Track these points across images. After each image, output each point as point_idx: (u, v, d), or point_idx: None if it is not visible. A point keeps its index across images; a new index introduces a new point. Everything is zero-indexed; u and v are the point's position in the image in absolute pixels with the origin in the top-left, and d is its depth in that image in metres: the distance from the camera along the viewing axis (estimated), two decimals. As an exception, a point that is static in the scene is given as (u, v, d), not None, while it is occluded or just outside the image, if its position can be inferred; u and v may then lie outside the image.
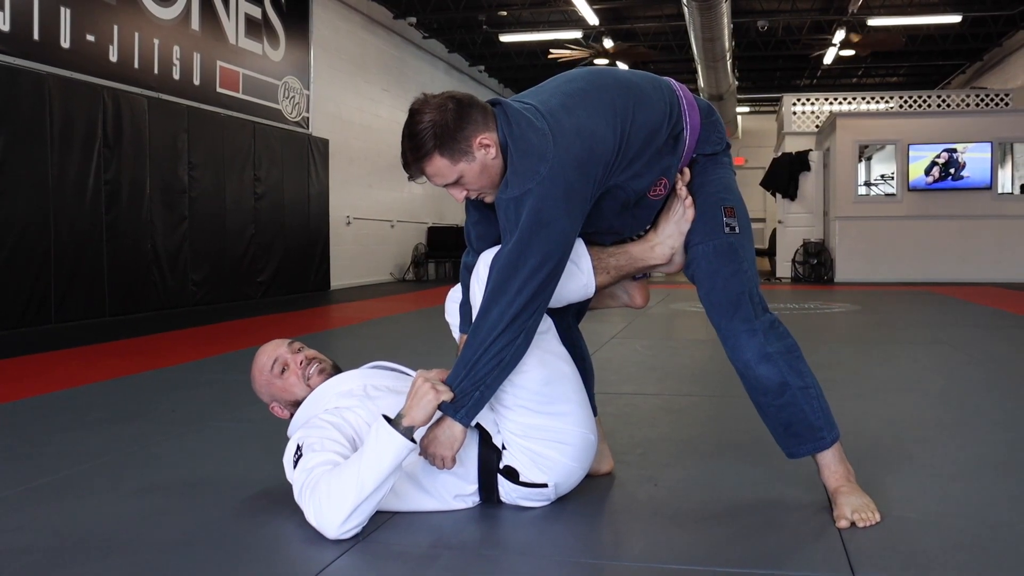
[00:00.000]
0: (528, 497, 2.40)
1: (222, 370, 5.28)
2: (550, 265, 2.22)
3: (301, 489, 2.20)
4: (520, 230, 2.20)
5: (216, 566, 2.05)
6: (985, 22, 15.72)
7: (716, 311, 2.42)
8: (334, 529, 2.13)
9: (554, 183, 2.20)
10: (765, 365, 2.39)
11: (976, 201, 14.78)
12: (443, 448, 2.27)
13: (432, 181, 2.30)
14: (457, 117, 2.21)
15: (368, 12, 14.62)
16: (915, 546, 2.19)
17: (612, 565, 2.12)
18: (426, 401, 2.21)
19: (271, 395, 2.68)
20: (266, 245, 11.33)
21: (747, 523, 2.36)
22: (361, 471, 2.13)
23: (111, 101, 8.54)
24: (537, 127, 2.25)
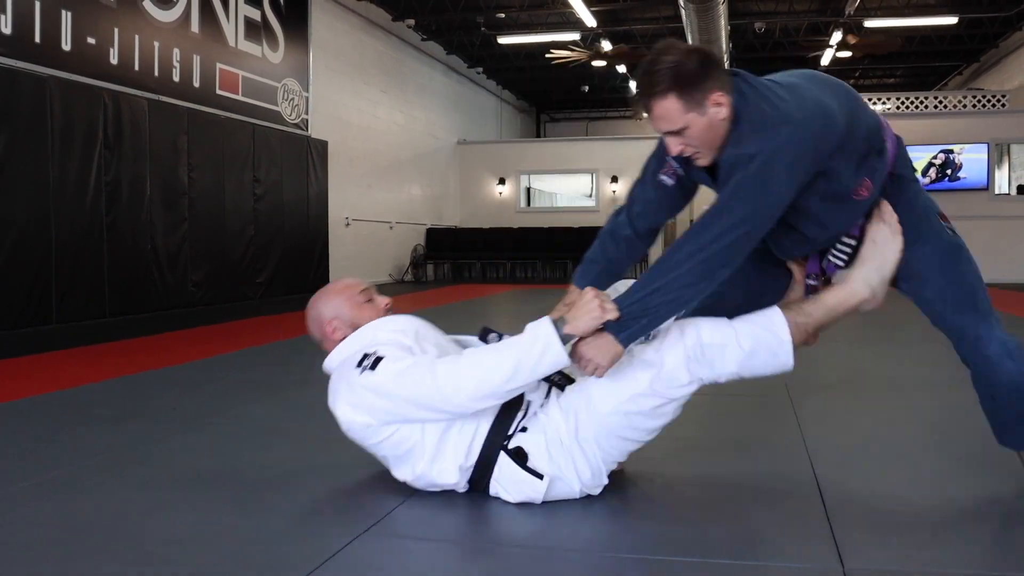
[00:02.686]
0: (520, 484, 2.40)
1: (222, 369, 5.32)
2: (754, 222, 2.25)
3: (431, 366, 2.29)
4: (740, 181, 2.22)
5: (218, 559, 2.10)
6: (982, 23, 15.76)
7: (953, 307, 2.43)
8: (464, 400, 2.26)
9: (789, 148, 2.22)
10: (1009, 361, 2.42)
11: (973, 202, 14.85)
12: (601, 357, 2.28)
13: (655, 124, 2.28)
14: (701, 66, 2.20)
15: (367, 14, 14.67)
16: (904, 538, 2.24)
17: (611, 557, 2.17)
18: (592, 316, 2.26)
19: (339, 311, 2.65)
20: (265, 246, 11.37)
21: (741, 516, 2.41)
22: (517, 360, 2.23)
23: (111, 103, 8.58)
24: (780, 94, 2.27)
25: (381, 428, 2.41)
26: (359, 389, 2.38)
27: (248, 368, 5.42)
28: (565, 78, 20.71)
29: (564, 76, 20.19)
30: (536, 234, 17.58)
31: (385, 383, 2.34)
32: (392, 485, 2.63)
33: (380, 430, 2.41)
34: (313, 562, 2.03)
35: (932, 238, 2.47)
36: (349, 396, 2.42)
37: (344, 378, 2.45)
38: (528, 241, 17.49)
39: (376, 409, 2.37)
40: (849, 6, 13.65)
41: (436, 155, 18.22)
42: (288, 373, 5.17)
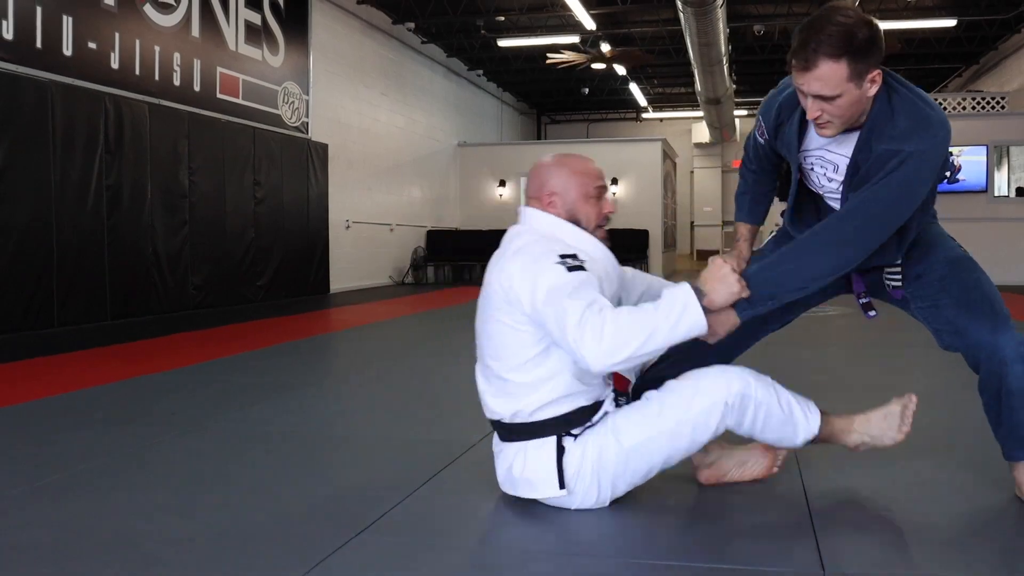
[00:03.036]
0: (542, 478, 2.41)
1: (221, 373, 5.37)
2: (894, 216, 2.31)
3: (583, 316, 2.23)
4: (888, 182, 2.26)
5: (215, 559, 2.15)
6: (980, 26, 15.81)
7: (970, 313, 2.47)
8: (603, 358, 2.23)
9: (937, 152, 2.29)
10: (1021, 364, 2.45)
11: (972, 204, 14.88)
12: (720, 327, 2.36)
13: (808, 85, 2.24)
14: (872, 37, 2.19)
15: (367, 17, 14.71)
16: (885, 542, 2.28)
17: (596, 560, 2.22)
18: (731, 292, 2.32)
19: (566, 189, 2.54)
20: (266, 249, 11.42)
21: (727, 520, 2.46)
22: (656, 327, 2.23)
23: (112, 107, 8.64)
24: (924, 95, 2.33)
25: (521, 315, 2.38)
26: (545, 273, 2.33)
27: (247, 371, 5.47)
28: (565, 80, 20.76)
29: (564, 78, 20.24)
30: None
31: (565, 286, 2.28)
32: (388, 486, 2.69)
33: (517, 315, 2.39)
34: (306, 565, 2.08)
35: (942, 249, 2.53)
36: (531, 268, 2.36)
37: (538, 255, 2.37)
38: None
39: (538, 300, 2.32)
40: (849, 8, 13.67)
41: (437, 157, 18.26)
42: (287, 376, 5.22)
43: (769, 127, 2.55)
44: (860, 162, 2.35)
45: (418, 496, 2.65)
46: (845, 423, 2.65)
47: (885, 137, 2.29)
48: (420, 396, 4.65)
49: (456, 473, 2.94)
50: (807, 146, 2.48)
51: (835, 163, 2.44)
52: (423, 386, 4.95)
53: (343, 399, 4.60)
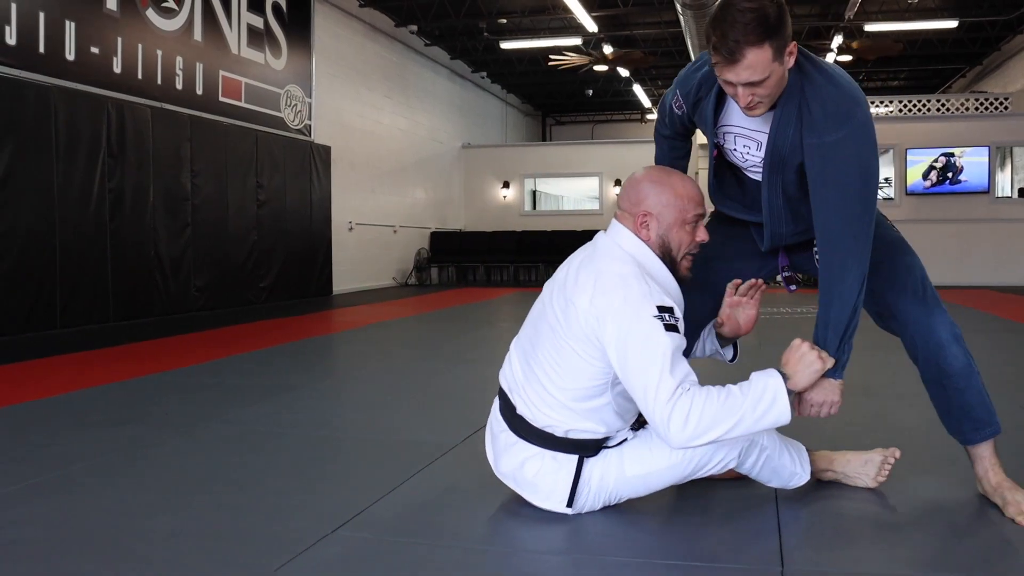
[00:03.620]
0: (552, 487, 2.44)
1: (219, 374, 5.44)
2: (872, 206, 2.37)
3: (674, 394, 2.17)
4: (844, 182, 2.32)
5: (196, 554, 2.23)
6: (982, 27, 15.82)
7: (902, 293, 2.55)
8: (685, 442, 2.20)
9: (867, 126, 2.33)
10: (956, 345, 2.53)
11: (974, 205, 14.90)
12: (832, 395, 2.42)
13: (737, 74, 2.23)
14: (781, 15, 2.20)
15: (370, 20, 14.79)
16: (847, 541, 2.35)
17: (566, 558, 2.28)
18: (813, 370, 2.33)
19: (662, 213, 2.45)
20: (268, 251, 11.51)
21: (698, 520, 2.53)
22: (743, 417, 2.19)
23: (115, 111, 8.73)
24: (839, 72, 2.37)
25: (599, 353, 2.34)
26: (639, 325, 2.25)
27: (244, 373, 5.55)
28: (569, 82, 20.81)
29: (568, 80, 20.29)
30: (539, 237, 17.69)
31: (660, 351, 2.22)
32: (371, 484, 2.77)
33: (593, 350, 2.34)
34: (281, 558, 2.16)
35: (881, 234, 2.57)
36: (628, 316, 2.27)
37: (637, 300, 2.28)
38: (531, 244, 17.60)
39: (629, 358, 2.25)
40: (849, 10, 13.72)
41: (440, 159, 18.34)
42: (283, 377, 5.29)
43: (688, 102, 2.59)
44: (778, 143, 2.39)
45: (397, 493, 2.73)
46: (824, 462, 2.77)
47: (806, 128, 2.33)
48: (411, 397, 4.72)
49: (437, 472, 3.02)
50: (727, 121, 2.52)
51: (758, 140, 2.48)
52: (415, 387, 5.01)
53: (336, 400, 4.67)
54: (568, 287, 2.41)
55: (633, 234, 2.46)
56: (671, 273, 2.46)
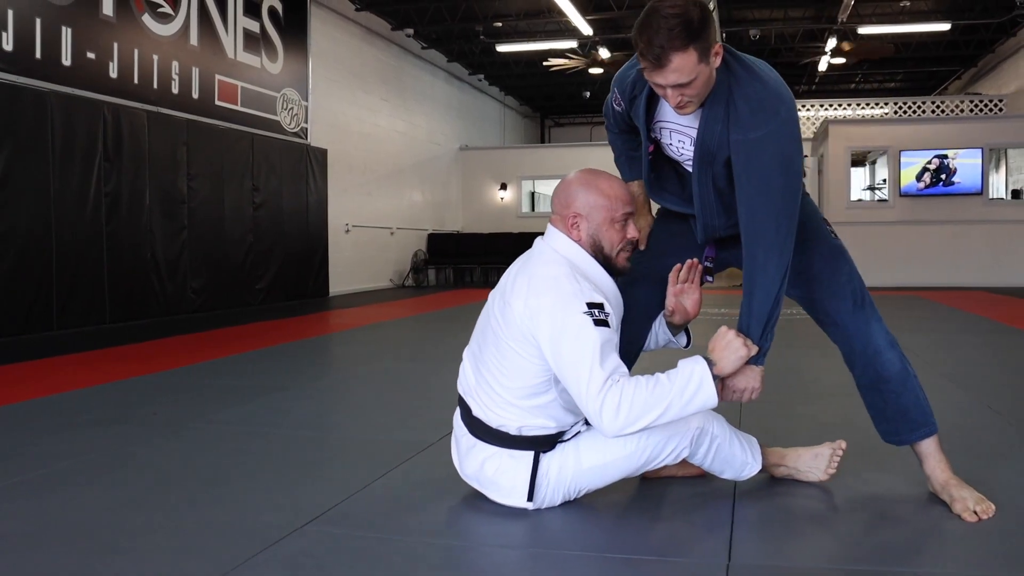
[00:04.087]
0: (513, 483, 2.54)
1: (209, 375, 5.55)
2: (795, 201, 2.47)
3: (604, 386, 2.30)
4: (766, 177, 2.42)
5: (170, 547, 2.34)
6: (976, 29, 15.90)
7: (842, 301, 2.66)
8: (618, 430, 2.34)
9: (791, 123, 2.44)
10: (892, 351, 2.66)
11: (967, 206, 14.97)
12: (754, 381, 2.53)
13: (664, 78, 2.32)
14: (704, 18, 2.28)
15: (366, 24, 14.90)
16: (795, 535, 2.45)
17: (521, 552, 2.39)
18: (738, 357, 2.45)
19: (591, 214, 2.57)
20: (265, 253, 11.62)
21: (656, 514, 2.63)
22: (671, 403, 2.33)
23: (111, 116, 8.84)
24: (766, 70, 2.48)
25: (535, 350, 2.45)
26: (569, 322, 2.37)
27: (234, 374, 5.65)
28: (568, 84, 20.90)
29: (566, 82, 20.39)
30: (535, 239, 17.74)
31: (589, 345, 2.34)
32: (345, 481, 2.87)
33: (531, 348, 2.45)
34: (250, 551, 2.26)
35: (820, 242, 2.70)
36: (559, 313, 2.39)
37: (567, 298, 2.40)
38: (528, 246, 17.53)
39: (561, 354, 2.37)
40: (842, 13, 13.82)
41: (438, 161, 18.45)
42: (271, 378, 5.39)
43: (625, 98, 2.68)
44: (706, 138, 2.49)
45: (369, 490, 2.83)
46: (777, 457, 2.87)
47: (733, 125, 2.43)
48: (396, 397, 4.83)
49: (411, 470, 3.12)
50: (661, 117, 2.61)
51: (690, 136, 2.57)
52: (401, 388, 5.12)
53: (322, 401, 4.76)
54: (506, 292, 2.55)
55: (566, 236, 2.59)
56: (607, 270, 2.58)
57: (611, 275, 2.60)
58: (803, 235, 2.64)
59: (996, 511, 2.53)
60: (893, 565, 2.23)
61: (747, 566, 2.20)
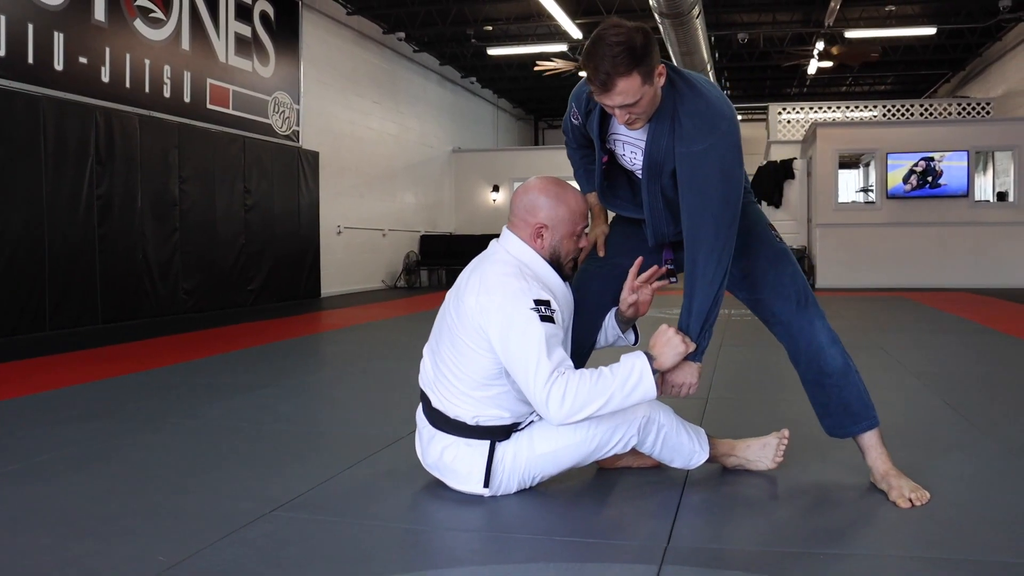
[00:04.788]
0: (470, 470, 2.69)
1: (195, 374, 5.68)
2: (735, 209, 2.63)
3: (550, 377, 2.47)
4: (707, 186, 2.59)
5: (142, 530, 2.48)
6: (963, 33, 16.05)
7: (787, 302, 2.84)
8: (563, 419, 2.52)
9: (731, 137, 2.62)
10: (834, 347, 2.83)
11: (953, 208, 15.11)
12: (691, 377, 2.69)
13: (611, 99, 2.50)
14: (647, 43, 2.45)
15: (358, 27, 15.03)
16: (736, 519, 2.59)
17: (472, 534, 2.53)
18: (677, 353, 2.61)
19: (555, 225, 2.73)
20: (256, 255, 11.75)
21: (605, 499, 2.78)
22: (612, 395, 2.50)
23: (103, 120, 8.97)
24: (708, 87, 2.65)
25: (486, 344, 2.60)
26: (517, 318, 2.53)
27: (220, 372, 5.78)
28: (560, 87, 20.97)
29: (559, 85, 20.46)
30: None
31: (535, 340, 2.50)
32: (315, 471, 3.02)
33: (482, 342, 2.60)
34: (218, 534, 2.40)
35: (765, 245, 2.87)
36: (507, 309, 2.55)
37: (516, 294, 2.56)
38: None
39: (509, 347, 2.54)
40: (829, 17, 13.97)
41: (430, 164, 18.58)
42: (256, 376, 5.53)
43: (581, 112, 2.84)
44: (654, 151, 2.66)
45: (337, 479, 2.98)
46: (727, 448, 3.02)
47: (677, 139, 2.60)
48: (374, 393, 4.98)
49: (379, 461, 3.27)
50: (614, 130, 2.78)
51: (641, 147, 2.73)
52: (380, 384, 5.26)
53: (301, 397, 4.89)
54: (461, 289, 2.72)
55: (522, 241, 2.75)
56: (557, 274, 2.76)
57: (561, 278, 2.78)
58: (749, 240, 2.83)
59: (930, 499, 2.67)
60: (824, 547, 2.37)
61: (685, 548, 2.33)
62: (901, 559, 2.30)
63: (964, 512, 2.62)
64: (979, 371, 5.73)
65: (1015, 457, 3.29)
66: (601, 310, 2.98)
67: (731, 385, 5.01)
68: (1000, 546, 2.35)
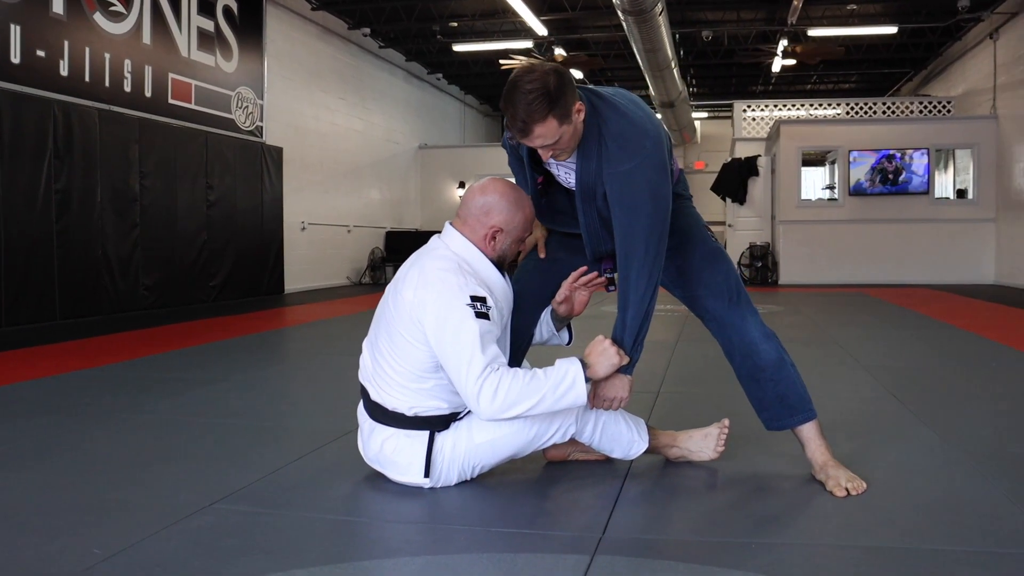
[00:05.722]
0: (410, 461, 2.71)
1: (151, 369, 5.66)
2: (663, 225, 2.68)
3: (483, 372, 2.51)
4: (636, 204, 2.63)
5: (84, 524, 2.48)
6: (924, 33, 16.22)
7: (719, 299, 2.90)
8: (493, 414, 2.55)
9: (656, 156, 2.66)
10: (767, 343, 2.88)
11: (914, 205, 15.31)
12: (623, 391, 2.74)
13: (532, 142, 2.59)
14: (561, 84, 2.52)
15: (323, 23, 14.98)
16: (671, 511, 2.63)
17: (418, 526, 2.55)
18: (611, 363, 2.65)
19: (509, 229, 2.78)
20: (219, 251, 11.69)
21: (545, 492, 2.81)
22: (543, 396, 2.54)
23: (62, 114, 8.89)
24: (632, 108, 2.70)
25: (421, 336, 2.62)
26: (452, 313, 2.57)
27: (175, 367, 5.76)
28: (526, 83, 21.02)
29: (525, 82, 20.51)
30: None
31: (470, 335, 2.53)
32: (260, 464, 3.02)
33: (418, 335, 2.63)
34: (157, 526, 2.41)
35: (700, 245, 2.93)
36: (443, 303, 2.58)
37: (453, 288, 2.60)
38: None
39: (444, 340, 2.57)
40: (792, 15, 14.07)
41: (396, 160, 18.55)
42: (211, 371, 5.52)
43: (516, 137, 2.84)
44: (584, 176, 2.71)
45: (282, 472, 2.99)
46: (669, 439, 3.06)
47: (604, 161, 2.65)
48: (326, 388, 4.98)
49: (325, 454, 3.28)
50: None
51: (574, 170, 2.78)
52: (334, 379, 5.26)
53: (253, 391, 4.89)
54: (400, 283, 2.74)
55: (466, 239, 2.77)
56: (499, 271, 2.80)
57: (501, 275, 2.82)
58: (685, 239, 2.89)
59: (867, 488, 2.72)
60: (758, 537, 2.41)
61: (619, 539, 2.37)
62: (833, 548, 2.34)
63: (899, 501, 2.68)
64: (929, 364, 5.82)
65: (951, 447, 3.36)
66: (539, 305, 3.02)
67: (683, 380, 5.06)
68: (931, 533, 2.41)
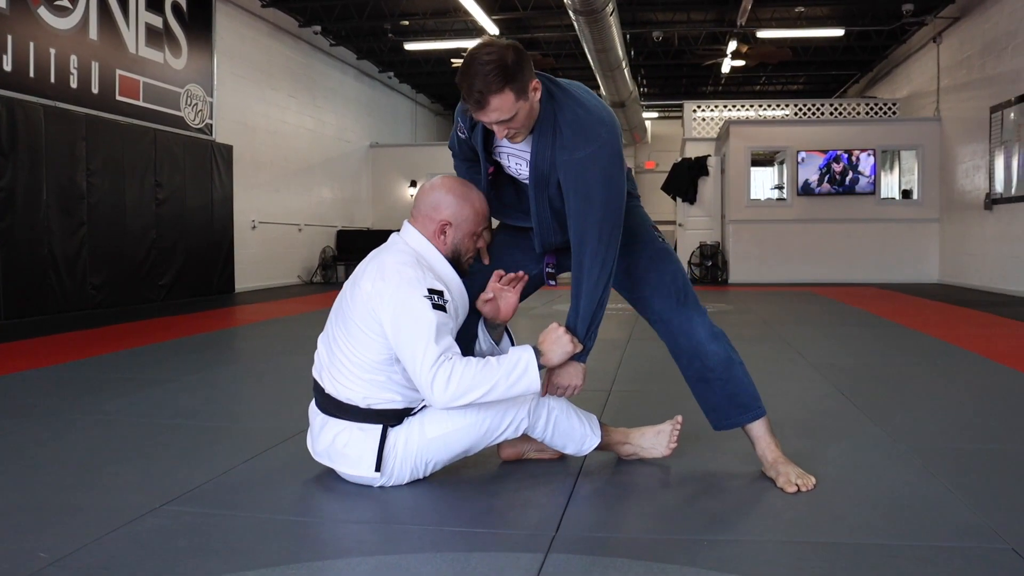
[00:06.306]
0: (360, 455, 2.71)
1: (98, 369, 5.58)
2: (618, 213, 2.69)
3: (437, 361, 2.53)
4: (590, 192, 2.64)
5: (29, 527, 2.44)
6: (870, 36, 16.47)
7: (666, 300, 2.91)
8: (447, 402, 2.57)
9: (612, 144, 2.68)
10: (715, 343, 2.90)
11: (861, 206, 15.54)
12: (577, 379, 2.77)
13: (487, 116, 2.57)
14: (519, 60, 2.53)
15: (274, 20, 14.86)
16: (625, 509, 2.65)
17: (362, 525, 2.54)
18: (564, 351, 2.68)
19: (459, 224, 2.80)
20: (168, 249, 11.56)
21: (498, 492, 2.82)
22: (496, 384, 2.56)
23: (5, 110, 8.73)
24: (588, 97, 2.71)
25: (378, 328, 2.64)
26: (409, 303, 2.59)
27: (123, 367, 5.69)
28: (478, 82, 21.01)
29: (477, 80, 20.50)
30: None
31: (426, 325, 2.56)
32: (210, 465, 3.00)
33: (374, 326, 2.65)
34: (106, 528, 2.38)
35: (647, 245, 2.95)
36: (400, 294, 2.61)
37: (411, 282, 2.62)
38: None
39: (400, 331, 2.59)
40: (741, 17, 14.21)
41: (348, 158, 18.46)
42: (160, 371, 5.46)
43: (466, 127, 2.88)
44: (539, 163, 2.72)
45: (233, 472, 2.97)
46: (621, 436, 3.08)
47: (559, 148, 2.67)
48: (275, 388, 4.94)
49: (276, 454, 3.26)
50: (498, 143, 2.84)
51: (526, 159, 2.80)
52: (283, 378, 5.22)
53: (201, 391, 4.84)
54: (359, 276, 2.76)
55: (422, 235, 2.80)
56: (455, 269, 2.81)
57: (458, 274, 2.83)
58: (632, 240, 2.90)
59: (816, 484, 2.77)
60: (710, 534, 2.44)
61: (572, 537, 2.38)
62: (783, 544, 2.38)
63: (847, 496, 2.73)
64: (875, 362, 5.92)
65: (897, 442, 3.42)
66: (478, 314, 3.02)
67: (634, 378, 5.10)
68: (878, 528, 2.45)
